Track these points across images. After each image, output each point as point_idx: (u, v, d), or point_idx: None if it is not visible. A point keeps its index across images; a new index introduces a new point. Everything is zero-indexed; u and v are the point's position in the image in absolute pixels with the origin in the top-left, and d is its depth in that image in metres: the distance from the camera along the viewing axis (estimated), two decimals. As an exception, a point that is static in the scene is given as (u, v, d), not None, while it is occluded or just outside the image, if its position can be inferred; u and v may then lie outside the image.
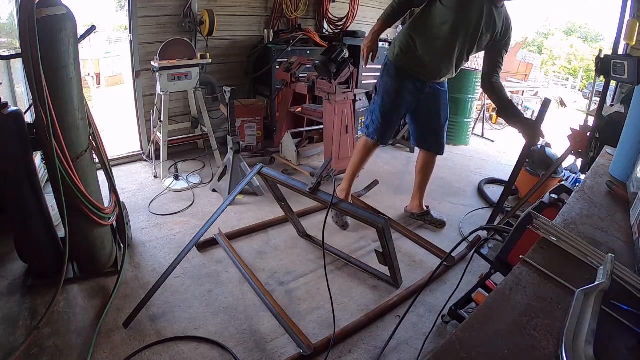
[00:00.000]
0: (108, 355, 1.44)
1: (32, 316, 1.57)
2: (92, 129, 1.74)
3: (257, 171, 1.94)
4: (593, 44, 22.33)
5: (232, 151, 2.64)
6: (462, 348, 0.60)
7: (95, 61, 8.64)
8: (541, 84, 11.23)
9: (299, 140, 3.41)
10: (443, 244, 2.26)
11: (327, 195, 1.63)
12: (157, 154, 3.07)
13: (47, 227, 1.68)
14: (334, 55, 2.63)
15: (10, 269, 1.82)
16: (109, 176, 1.90)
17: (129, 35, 3.07)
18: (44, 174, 2.07)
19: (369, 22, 4.77)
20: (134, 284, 1.83)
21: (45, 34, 1.35)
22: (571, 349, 0.59)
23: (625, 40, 2.62)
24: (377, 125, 2.21)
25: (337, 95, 2.76)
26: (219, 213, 1.82)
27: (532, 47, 22.27)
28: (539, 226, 0.95)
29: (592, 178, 1.37)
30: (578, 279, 0.79)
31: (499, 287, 0.77)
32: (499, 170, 3.77)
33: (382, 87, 2.20)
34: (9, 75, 2.17)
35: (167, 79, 2.83)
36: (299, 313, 1.73)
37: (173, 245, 2.15)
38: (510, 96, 2.03)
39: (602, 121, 2.38)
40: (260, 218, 2.48)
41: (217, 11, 3.23)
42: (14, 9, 2.20)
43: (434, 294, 1.90)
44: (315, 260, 2.10)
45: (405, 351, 1.57)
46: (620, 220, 1.07)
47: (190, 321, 1.64)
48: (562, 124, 6.10)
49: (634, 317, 0.70)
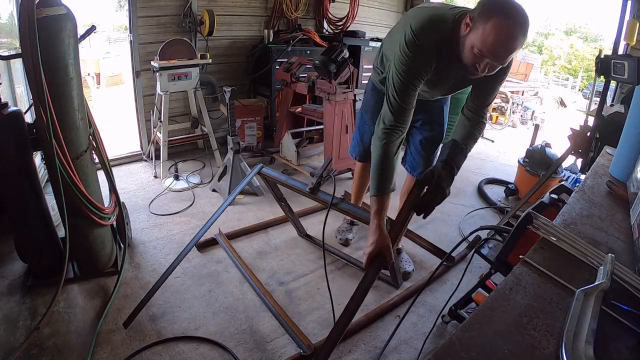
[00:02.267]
0: (108, 355, 1.44)
1: (32, 316, 1.57)
2: (92, 129, 1.74)
3: (257, 171, 1.94)
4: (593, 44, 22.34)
5: (232, 151, 2.64)
6: (462, 348, 0.60)
7: (95, 61, 8.64)
8: (541, 84, 11.23)
9: (299, 140, 3.41)
10: (443, 244, 2.25)
11: (327, 195, 1.63)
12: (157, 154, 3.07)
13: (47, 227, 1.68)
14: (334, 55, 2.63)
15: (10, 269, 1.82)
16: (109, 176, 1.90)
17: (129, 35, 3.07)
18: (44, 174, 2.07)
19: (369, 22, 4.78)
20: (134, 284, 1.83)
21: (45, 34, 1.35)
22: (571, 349, 0.59)
23: (625, 40, 2.62)
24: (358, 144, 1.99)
25: (337, 95, 2.76)
26: (219, 213, 1.81)
27: (532, 47, 22.27)
28: (539, 226, 0.95)
29: (592, 178, 1.37)
30: (578, 279, 0.79)
31: (499, 287, 0.77)
32: (498, 170, 3.77)
33: (362, 105, 1.96)
34: (9, 75, 2.17)
35: (167, 79, 2.83)
36: (299, 313, 1.73)
37: (173, 245, 2.15)
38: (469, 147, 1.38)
39: (602, 121, 2.38)
40: (260, 218, 2.48)
41: (217, 11, 3.24)
42: (14, 9, 2.20)
43: (434, 294, 1.90)
44: (315, 260, 2.10)
45: (405, 351, 1.57)
46: (620, 220, 1.07)
47: (190, 321, 1.64)
48: (562, 124, 6.11)
49: (634, 317, 0.70)
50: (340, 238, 2.29)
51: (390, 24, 5.20)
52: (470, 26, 1.13)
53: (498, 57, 1.10)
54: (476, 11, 1.11)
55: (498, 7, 1.06)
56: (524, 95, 7.45)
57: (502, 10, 1.05)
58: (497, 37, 1.05)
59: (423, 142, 1.83)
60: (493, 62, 1.12)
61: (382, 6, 4.96)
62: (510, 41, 1.06)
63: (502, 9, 1.06)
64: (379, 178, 1.30)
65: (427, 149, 1.84)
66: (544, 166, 2.82)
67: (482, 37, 1.08)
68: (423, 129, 1.82)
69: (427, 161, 1.85)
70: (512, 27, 1.05)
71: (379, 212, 1.26)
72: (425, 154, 1.85)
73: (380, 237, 1.20)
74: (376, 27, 4.90)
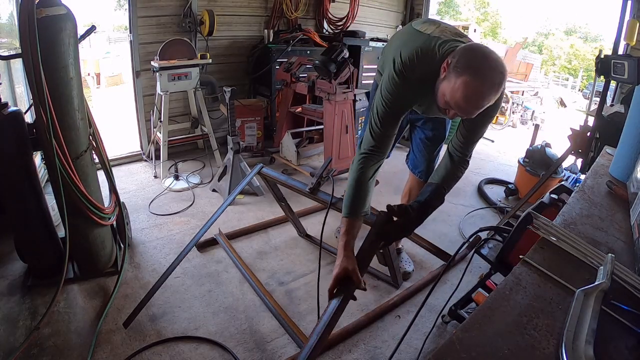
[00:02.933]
0: (108, 355, 1.44)
1: (32, 316, 1.57)
2: (92, 129, 1.74)
3: (257, 171, 1.94)
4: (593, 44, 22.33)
5: (232, 151, 2.64)
6: (462, 348, 0.60)
7: (95, 61, 8.65)
8: (541, 84, 11.22)
9: (299, 140, 3.41)
10: (443, 244, 2.25)
11: (327, 195, 1.63)
12: (157, 154, 3.07)
13: (47, 227, 1.68)
14: (334, 55, 2.63)
15: (10, 269, 1.82)
16: (109, 176, 1.90)
17: (129, 35, 3.08)
18: (44, 174, 2.07)
19: (369, 22, 4.78)
20: (134, 284, 1.83)
21: (45, 34, 1.35)
22: (571, 349, 0.59)
23: (625, 40, 2.62)
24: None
25: (337, 95, 2.76)
26: (219, 213, 1.82)
27: (532, 47, 22.27)
28: (539, 226, 0.95)
29: (592, 178, 1.37)
30: (578, 279, 0.79)
31: (499, 287, 0.77)
32: (498, 170, 3.77)
33: (369, 105, 1.87)
34: (9, 75, 2.17)
35: (167, 79, 2.83)
36: (299, 313, 1.73)
37: (173, 245, 2.15)
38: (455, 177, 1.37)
39: (602, 121, 2.38)
40: (260, 218, 2.48)
41: (217, 11, 3.24)
42: (14, 9, 2.20)
43: (434, 294, 1.88)
44: (315, 260, 2.10)
45: (405, 351, 1.57)
46: (620, 220, 1.07)
47: (190, 321, 1.64)
48: (562, 124, 6.12)
49: (634, 317, 0.70)
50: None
51: (391, 24, 5.20)
52: (445, 73, 1.09)
53: (465, 112, 1.08)
54: (455, 58, 1.07)
55: (473, 63, 1.02)
56: (524, 95, 7.45)
57: (477, 68, 1.01)
58: (465, 94, 1.02)
59: (425, 141, 1.83)
60: (460, 114, 1.11)
61: (382, 6, 4.96)
62: (478, 100, 1.03)
63: (476, 67, 1.01)
64: (352, 200, 1.26)
65: (428, 148, 1.83)
66: (544, 166, 2.82)
67: (452, 90, 1.05)
68: (425, 128, 1.82)
69: (429, 160, 1.85)
70: (482, 87, 1.01)
71: (348, 233, 1.22)
72: (427, 153, 1.84)
73: (346, 258, 1.15)
74: (376, 27, 4.91)
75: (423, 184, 1.88)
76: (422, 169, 1.87)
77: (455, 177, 1.38)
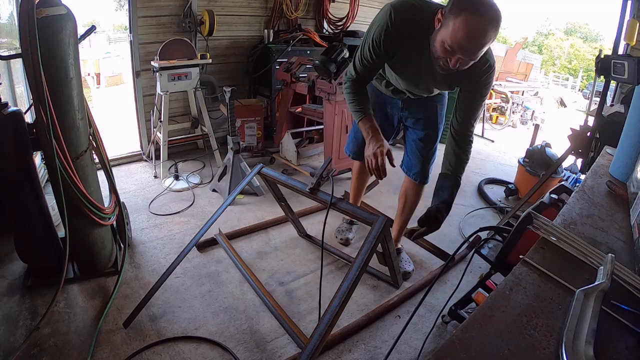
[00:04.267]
0: (108, 355, 1.44)
1: (32, 316, 1.57)
2: (92, 129, 1.74)
3: (257, 171, 1.94)
4: (593, 44, 22.33)
5: (232, 151, 2.64)
6: (462, 348, 0.60)
7: (95, 61, 8.65)
8: (541, 84, 11.21)
9: (299, 140, 3.41)
10: (443, 244, 2.25)
11: (326, 195, 1.63)
12: (157, 154, 3.07)
13: (47, 227, 1.68)
14: (334, 55, 2.62)
15: (10, 269, 1.82)
16: (109, 176, 1.90)
17: (129, 35, 3.08)
18: (44, 174, 2.07)
19: (369, 22, 4.76)
20: (134, 284, 1.83)
21: (45, 34, 1.35)
22: (571, 349, 0.59)
23: (625, 40, 2.62)
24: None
25: (337, 95, 2.76)
26: (219, 213, 1.82)
27: (532, 47, 22.27)
28: (539, 226, 0.95)
29: (592, 178, 1.37)
30: (578, 279, 0.79)
31: (499, 287, 0.77)
32: (499, 170, 3.77)
33: None
34: (9, 75, 2.17)
35: (167, 79, 2.83)
36: (299, 313, 1.73)
37: (173, 245, 2.15)
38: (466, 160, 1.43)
39: (602, 121, 2.38)
40: (260, 218, 2.48)
41: (217, 11, 3.24)
42: (14, 9, 2.20)
43: (434, 294, 1.90)
44: (315, 260, 2.10)
45: (405, 351, 1.57)
46: (620, 220, 1.07)
47: (190, 321, 1.64)
48: (562, 124, 6.11)
49: (634, 317, 0.70)
50: (340, 238, 2.29)
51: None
52: (441, 21, 1.14)
53: (468, 52, 1.11)
54: (448, 6, 1.12)
55: (469, 2, 1.07)
56: (524, 95, 7.44)
57: (473, 5, 1.06)
58: (467, 32, 1.06)
59: (418, 142, 1.82)
60: (463, 57, 1.12)
61: (381, 6, 4.95)
62: (480, 37, 1.07)
63: (473, 4, 1.06)
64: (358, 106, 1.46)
65: (421, 149, 1.82)
66: (544, 166, 2.82)
67: (452, 32, 1.08)
68: (417, 129, 1.81)
69: (423, 162, 1.83)
70: (482, 22, 1.05)
71: (369, 121, 1.43)
72: (421, 155, 1.83)
73: (376, 140, 1.37)
74: (376, 27, 4.90)
75: (418, 186, 1.92)
76: (416, 170, 1.85)
77: (465, 160, 1.45)
